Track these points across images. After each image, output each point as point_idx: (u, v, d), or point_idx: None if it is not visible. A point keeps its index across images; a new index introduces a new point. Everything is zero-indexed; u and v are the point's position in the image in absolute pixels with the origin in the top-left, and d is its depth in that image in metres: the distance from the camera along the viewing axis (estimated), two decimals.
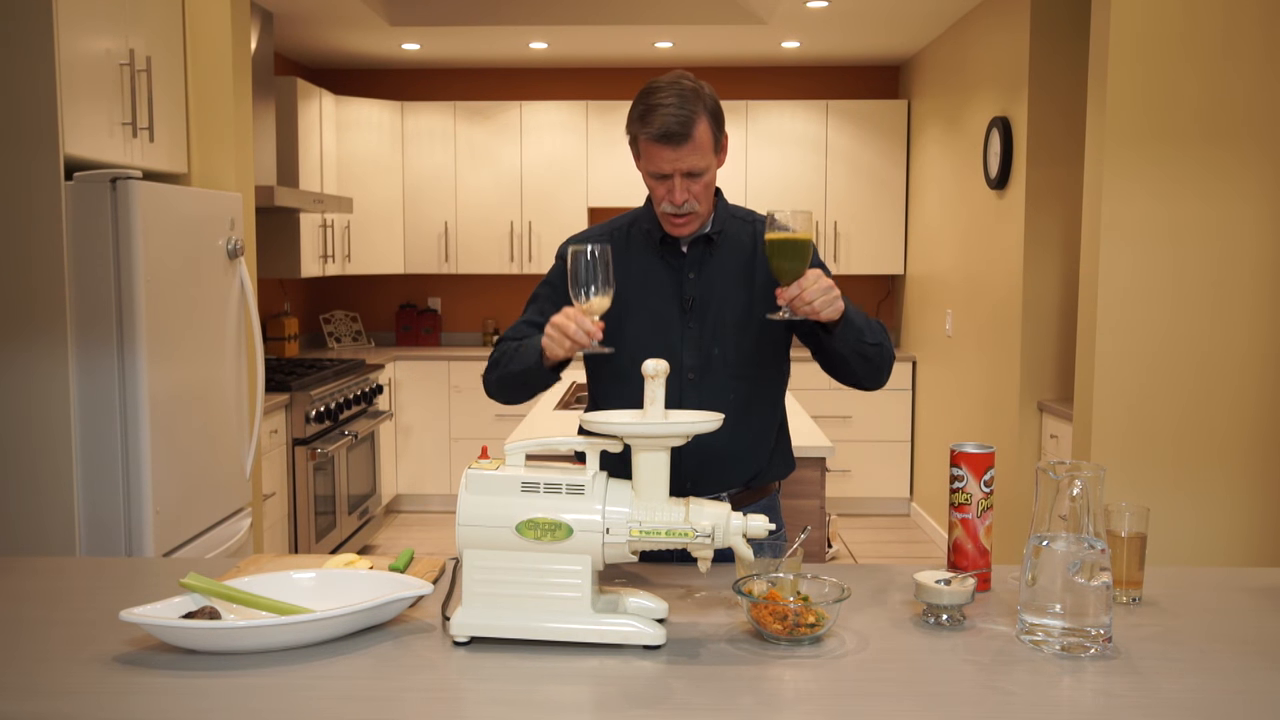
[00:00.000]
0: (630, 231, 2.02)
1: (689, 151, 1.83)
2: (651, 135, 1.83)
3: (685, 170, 1.85)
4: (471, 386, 6.12)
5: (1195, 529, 3.37)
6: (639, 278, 1.97)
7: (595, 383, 2.05)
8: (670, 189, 1.87)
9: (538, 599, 1.50)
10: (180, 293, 3.07)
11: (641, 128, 1.85)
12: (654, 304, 1.96)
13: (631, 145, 1.92)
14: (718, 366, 1.94)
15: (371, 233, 6.26)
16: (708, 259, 1.97)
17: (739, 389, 1.95)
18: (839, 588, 1.57)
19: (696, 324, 1.95)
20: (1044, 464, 1.54)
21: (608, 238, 2.01)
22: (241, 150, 3.72)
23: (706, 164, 1.87)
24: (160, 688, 1.36)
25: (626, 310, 1.95)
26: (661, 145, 1.83)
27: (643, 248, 1.99)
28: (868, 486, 6.17)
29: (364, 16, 5.22)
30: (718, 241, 1.97)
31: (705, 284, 1.96)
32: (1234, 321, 3.34)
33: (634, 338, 1.93)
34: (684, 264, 1.97)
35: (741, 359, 1.95)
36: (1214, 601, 1.72)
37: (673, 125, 1.81)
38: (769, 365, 1.99)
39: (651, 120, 1.82)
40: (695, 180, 1.87)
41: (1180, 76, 3.27)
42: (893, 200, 6.27)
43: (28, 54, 2.70)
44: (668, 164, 1.85)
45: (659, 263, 1.98)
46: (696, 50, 6.07)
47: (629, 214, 2.06)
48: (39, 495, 2.82)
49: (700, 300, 1.95)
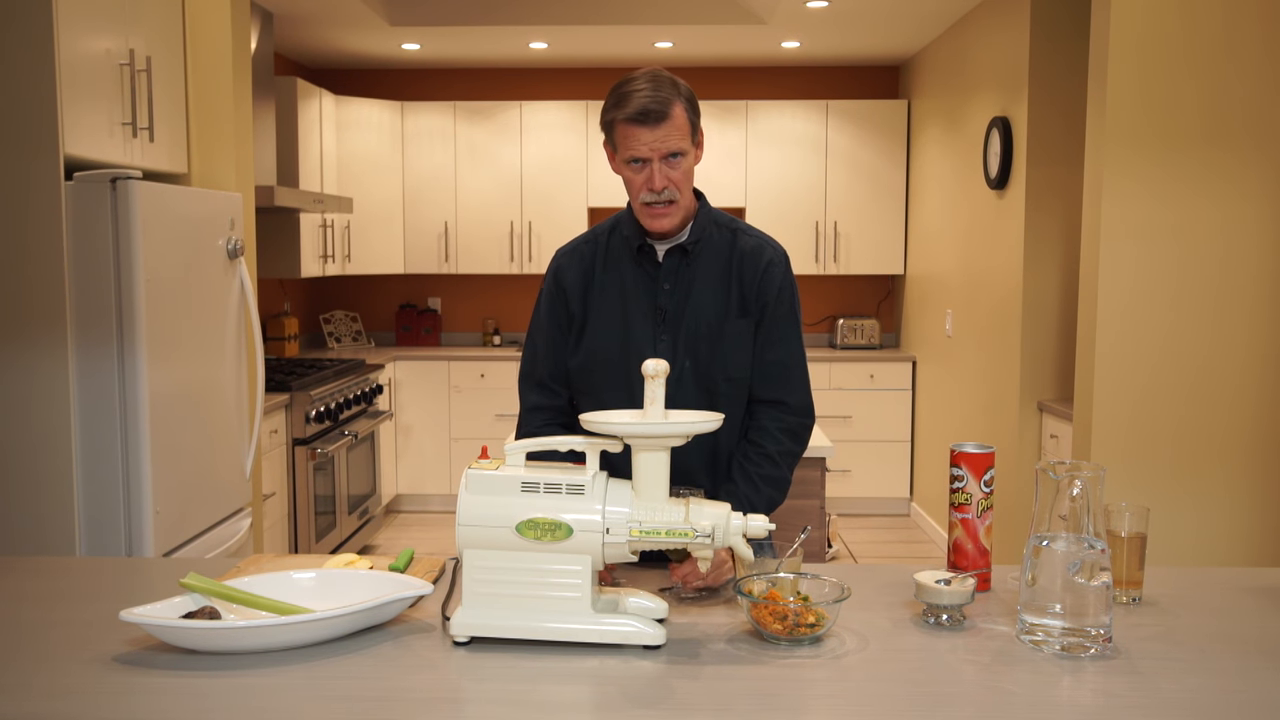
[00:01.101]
0: (610, 239, 2.00)
1: (667, 131, 1.81)
2: (629, 115, 1.81)
3: (663, 152, 1.83)
4: (471, 386, 6.12)
5: (1195, 529, 3.37)
6: (616, 286, 1.96)
7: (577, 395, 2.03)
8: (649, 175, 1.84)
9: (538, 599, 1.50)
10: (180, 293, 3.07)
11: (618, 111, 1.83)
12: (628, 313, 1.95)
13: (607, 137, 1.90)
14: (686, 379, 1.93)
15: (371, 233, 6.25)
16: (683, 269, 1.94)
17: (707, 401, 1.93)
18: (839, 588, 1.57)
19: (669, 335, 1.93)
20: (1044, 464, 1.54)
21: (592, 245, 2.01)
22: (241, 150, 3.72)
23: (684, 148, 1.84)
24: (160, 688, 1.36)
25: (601, 319, 1.95)
26: (638, 126, 1.81)
27: (620, 256, 1.97)
28: (868, 486, 6.17)
29: (364, 16, 5.22)
30: (694, 251, 1.94)
31: (679, 294, 1.94)
32: (1234, 321, 3.34)
33: (606, 348, 1.93)
34: (659, 274, 1.95)
35: (711, 370, 1.93)
36: (1214, 601, 1.72)
37: (650, 104, 1.80)
38: (737, 378, 1.95)
39: (628, 102, 1.81)
40: (674, 167, 1.85)
41: (1180, 76, 3.27)
42: (893, 200, 6.27)
43: (28, 54, 2.70)
44: (644, 146, 1.82)
45: (635, 271, 1.96)
46: (696, 50, 6.07)
47: (611, 219, 2.03)
48: (39, 495, 2.82)
49: (673, 311, 1.93)
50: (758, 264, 1.95)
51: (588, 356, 1.96)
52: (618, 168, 1.91)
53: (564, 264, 2.01)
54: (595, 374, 1.95)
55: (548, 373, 2.03)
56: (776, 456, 1.93)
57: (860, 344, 6.33)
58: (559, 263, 2.02)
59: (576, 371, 1.98)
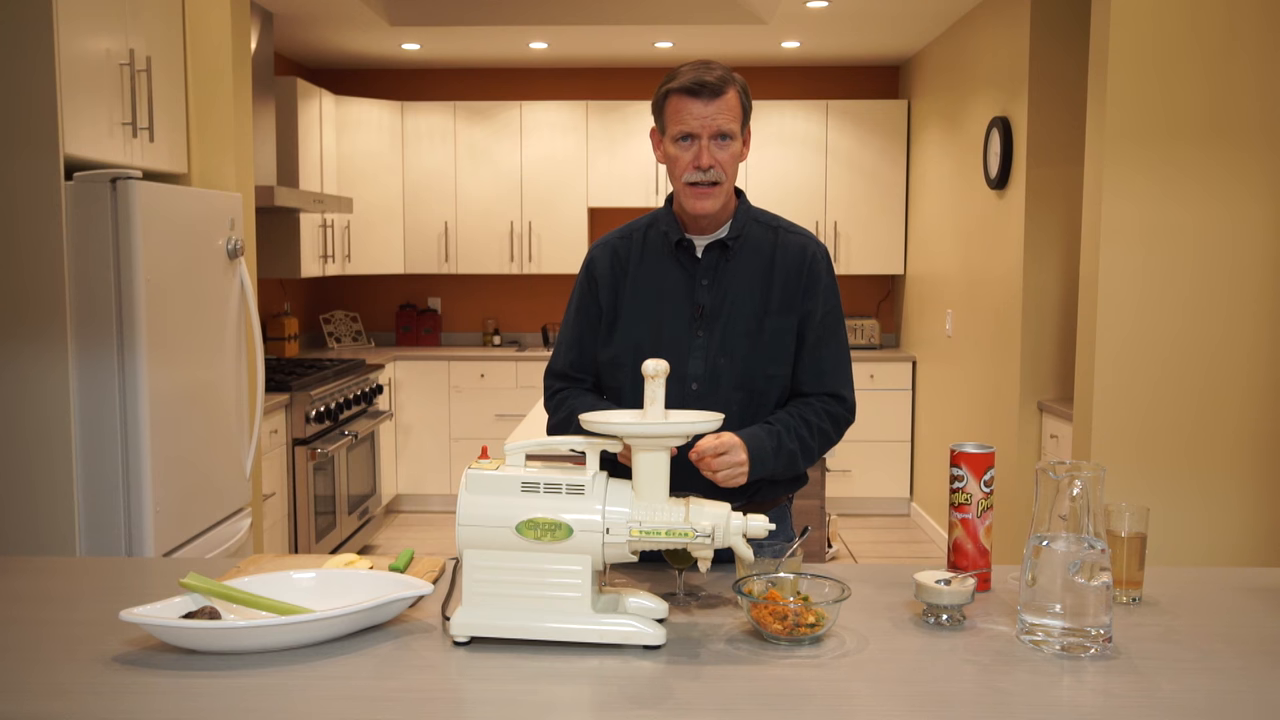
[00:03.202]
0: (648, 234, 1.99)
1: (719, 108, 1.81)
2: (683, 86, 1.81)
3: (713, 130, 1.82)
4: (471, 386, 6.12)
5: (1196, 529, 3.37)
6: (653, 282, 1.94)
7: (605, 388, 2.01)
8: (697, 152, 1.83)
9: (538, 599, 1.50)
10: (180, 293, 3.07)
11: (672, 83, 1.83)
12: (665, 310, 1.93)
13: (656, 118, 1.90)
14: (722, 377, 1.90)
15: (371, 233, 6.26)
16: (723, 265, 1.93)
17: (741, 400, 1.91)
18: (839, 588, 1.56)
19: (705, 333, 1.91)
20: (1044, 464, 1.54)
21: (628, 239, 2.00)
22: (241, 150, 3.72)
23: (734, 130, 1.84)
24: (160, 688, 1.36)
25: (635, 313, 1.93)
26: (692, 99, 1.81)
27: (658, 252, 1.96)
28: (868, 486, 6.17)
29: (364, 16, 5.22)
30: (734, 248, 1.93)
31: (718, 292, 1.92)
32: (1234, 321, 3.34)
33: (637, 347, 1.90)
34: (698, 270, 1.93)
35: (746, 369, 1.91)
36: (1214, 601, 1.72)
37: (706, 77, 1.81)
38: (774, 377, 1.93)
39: (683, 76, 1.82)
40: (722, 148, 1.84)
41: (1180, 76, 3.27)
42: (893, 200, 6.27)
43: (28, 54, 2.70)
44: (695, 120, 1.82)
45: (674, 267, 1.94)
46: (696, 50, 6.07)
47: (649, 215, 2.02)
48: (39, 495, 2.81)
49: (711, 308, 1.91)
50: (802, 262, 1.93)
51: (620, 350, 1.93)
52: (663, 150, 1.90)
53: (597, 256, 2.00)
54: (627, 368, 1.92)
55: (570, 363, 2.01)
56: (815, 424, 1.91)
57: (860, 344, 6.33)
58: (593, 255, 2.02)
59: (607, 365, 1.96)
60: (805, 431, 1.89)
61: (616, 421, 1.54)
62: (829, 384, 1.95)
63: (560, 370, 2.03)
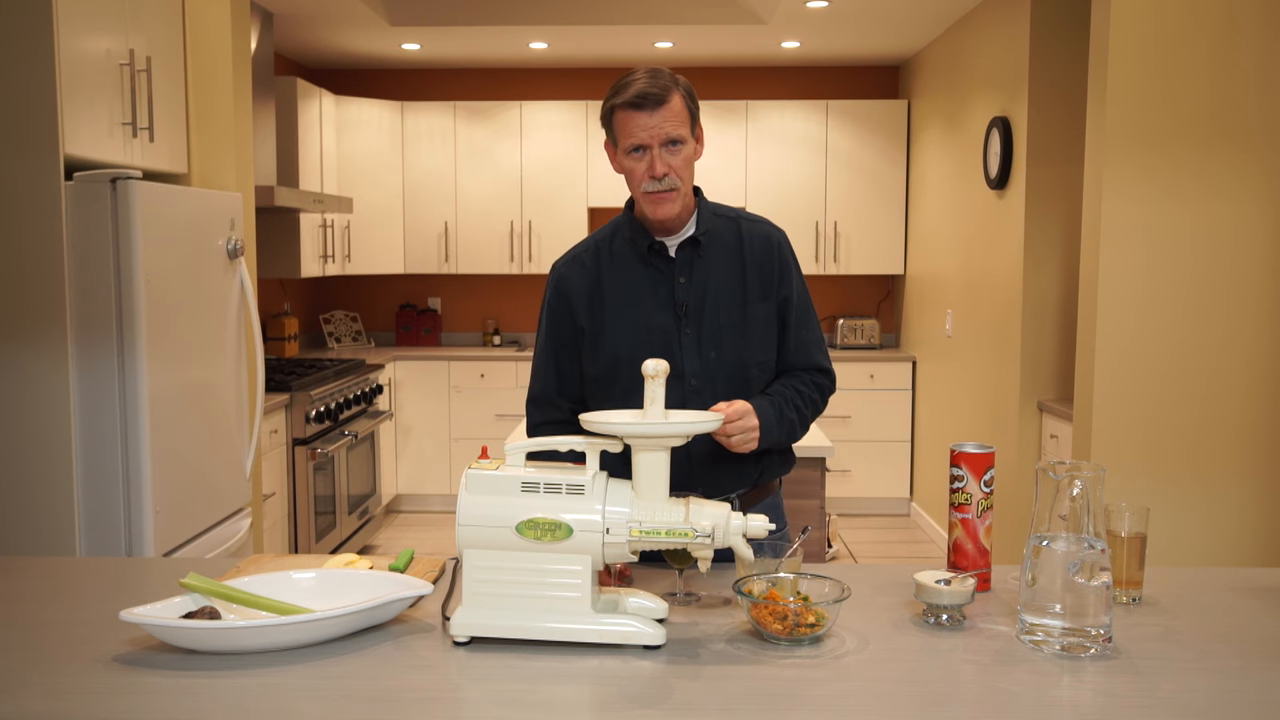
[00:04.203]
0: (614, 244, 1.99)
1: (664, 116, 1.83)
2: (626, 100, 1.84)
3: (662, 138, 1.84)
4: (471, 386, 6.12)
5: (1196, 529, 3.37)
6: (631, 289, 1.94)
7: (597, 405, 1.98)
8: (650, 162, 1.86)
9: (538, 599, 1.50)
10: (180, 293, 3.07)
11: (616, 98, 1.86)
12: (646, 315, 1.93)
13: (608, 134, 1.92)
14: (715, 369, 1.93)
15: (371, 233, 6.26)
16: (697, 261, 1.95)
17: (737, 390, 1.93)
18: (839, 588, 1.56)
19: (693, 329, 1.93)
20: (1044, 464, 1.54)
21: (593, 252, 1.99)
22: (241, 150, 3.72)
23: (683, 135, 1.86)
24: (160, 688, 1.36)
25: (617, 324, 1.93)
26: (636, 111, 1.83)
27: (628, 258, 1.96)
28: (868, 486, 6.17)
29: (364, 16, 5.22)
30: (704, 242, 1.95)
31: (697, 287, 1.94)
32: (1235, 321, 3.34)
33: (629, 355, 1.89)
34: (673, 269, 1.95)
35: (737, 359, 1.94)
36: (1214, 601, 1.72)
37: (647, 89, 1.83)
38: (763, 363, 1.98)
39: (626, 90, 1.85)
40: (674, 154, 1.86)
41: (1180, 75, 3.27)
42: (893, 200, 6.27)
43: (28, 54, 2.70)
44: (643, 131, 1.84)
45: (647, 271, 1.95)
46: (696, 50, 6.07)
47: (608, 225, 2.03)
48: (39, 495, 2.82)
49: (693, 304, 1.93)
50: (770, 249, 1.99)
51: (610, 362, 1.93)
52: (619, 163, 1.92)
53: (565, 274, 1.99)
54: (621, 379, 1.91)
55: (547, 390, 2.02)
56: (807, 395, 1.99)
57: (860, 344, 6.33)
58: (559, 273, 2.00)
59: (599, 380, 1.95)
60: (800, 401, 1.98)
61: (616, 421, 1.54)
62: (814, 359, 2.05)
63: (539, 395, 2.03)
